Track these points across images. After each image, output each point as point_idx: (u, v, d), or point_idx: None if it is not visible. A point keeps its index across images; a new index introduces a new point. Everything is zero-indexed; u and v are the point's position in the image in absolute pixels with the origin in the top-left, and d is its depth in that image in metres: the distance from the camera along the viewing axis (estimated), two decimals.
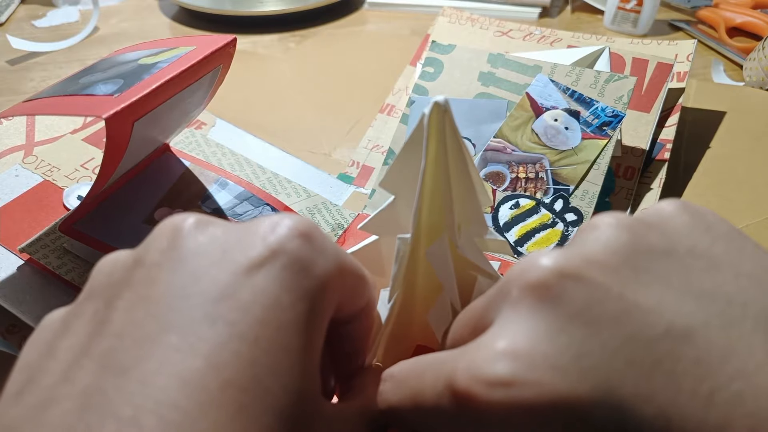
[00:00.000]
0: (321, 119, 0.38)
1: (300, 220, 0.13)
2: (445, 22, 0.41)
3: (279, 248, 0.12)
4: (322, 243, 0.13)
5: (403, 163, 0.16)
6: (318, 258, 0.12)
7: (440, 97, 0.14)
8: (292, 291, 0.12)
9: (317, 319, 0.12)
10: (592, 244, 0.12)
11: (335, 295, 0.13)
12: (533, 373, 0.11)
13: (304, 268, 0.12)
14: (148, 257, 0.12)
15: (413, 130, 0.15)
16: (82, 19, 0.55)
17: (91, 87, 0.22)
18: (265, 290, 0.11)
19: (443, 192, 0.15)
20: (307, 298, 0.12)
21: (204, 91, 0.26)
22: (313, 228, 0.13)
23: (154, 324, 0.11)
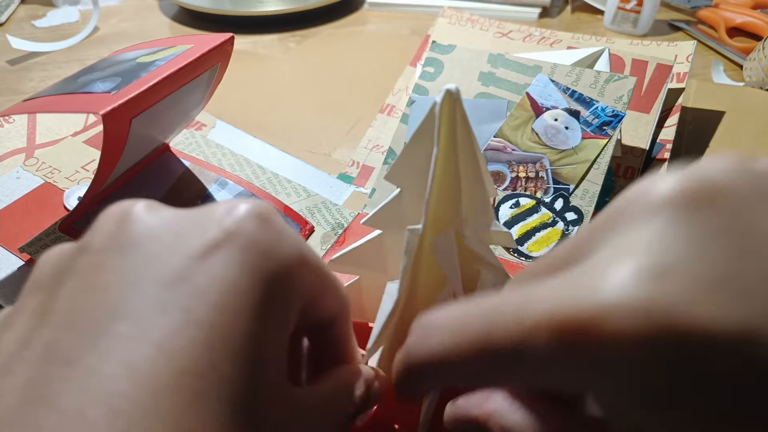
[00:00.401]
0: (321, 119, 0.38)
1: (259, 203, 0.12)
2: (445, 23, 0.41)
3: (236, 230, 0.11)
4: (283, 227, 0.12)
5: (411, 155, 0.16)
6: (279, 241, 0.12)
7: (452, 86, 0.14)
8: (251, 274, 0.11)
9: (281, 304, 0.12)
10: (711, 169, 0.10)
11: (301, 285, 0.12)
12: (683, 294, 0.09)
13: (264, 251, 0.11)
14: (95, 243, 0.11)
15: (423, 120, 0.15)
16: (82, 19, 0.55)
17: (89, 85, 0.22)
18: (221, 274, 0.11)
19: (452, 182, 0.15)
20: (267, 282, 0.11)
21: (202, 89, 0.26)
22: (273, 211, 0.12)
23: (102, 312, 0.10)
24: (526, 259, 0.26)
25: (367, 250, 0.18)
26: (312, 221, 0.28)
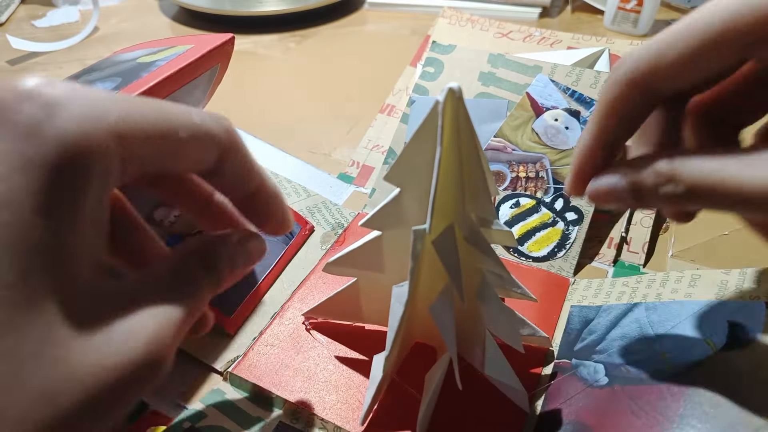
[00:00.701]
0: (321, 119, 0.38)
1: (36, 79, 0.11)
2: (445, 24, 0.41)
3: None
4: (62, 101, 0.11)
5: (411, 155, 0.15)
6: (50, 120, 0.10)
7: (454, 84, 0.14)
8: (7, 161, 0.10)
9: (64, 191, 0.10)
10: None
11: (108, 161, 0.11)
12: None
13: (25, 133, 0.10)
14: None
15: (424, 119, 0.15)
16: (82, 19, 0.55)
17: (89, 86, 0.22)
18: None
19: (455, 180, 0.15)
20: (31, 168, 0.10)
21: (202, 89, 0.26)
22: (49, 85, 0.11)
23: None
24: (526, 259, 0.26)
25: (365, 252, 0.18)
26: (312, 221, 0.28)
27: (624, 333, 0.20)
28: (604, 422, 0.17)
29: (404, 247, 0.17)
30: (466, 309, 0.18)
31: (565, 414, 0.18)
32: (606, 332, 0.21)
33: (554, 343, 0.22)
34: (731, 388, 0.17)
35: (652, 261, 0.26)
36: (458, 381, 0.17)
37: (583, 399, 0.19)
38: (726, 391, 0.17)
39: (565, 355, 0.21)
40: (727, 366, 0.17)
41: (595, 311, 0.22)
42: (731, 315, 0.19)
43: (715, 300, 0.20)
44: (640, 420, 0.17)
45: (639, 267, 0.25)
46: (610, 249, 0.26)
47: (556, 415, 0.19)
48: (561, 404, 0.19)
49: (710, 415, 0.16)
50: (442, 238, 0.16)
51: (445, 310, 0.16)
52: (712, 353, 0.18)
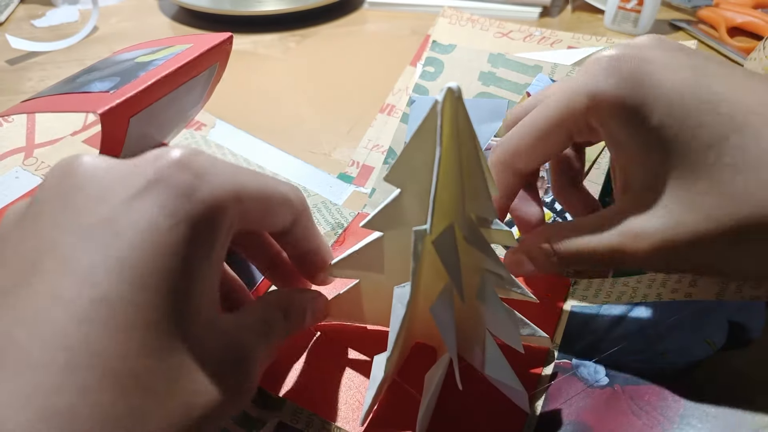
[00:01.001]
0: (321, 119, 0.38)
1: (185, 150, 0.13)
2: (445, 23, 0.41)
3: (158, 178, 0.13)
4: (207, 170, 0.13)
5: (411, 155, 0.15)
6: (201, 184, 0.13)
7: (453, 84, 0.14)
8: (171, 215, 0.12)
9: (206, 241, 0.13)
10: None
11: (232, 219, 0.14)
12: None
13: (183, 194, 0.13)
14: (39, 195, 0.13)
15: (423, 119, 0.15)
16: (81, 18, 0.55)
17: (87, 85, 0.22)
18: (141, 216, 0.12)
19: (455, 180, 0.15)
20: (188, 221, 0.12)
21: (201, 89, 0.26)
22: (196, 156, 0.13)
23: (35, 253, 0.12)
24: None
25: (367, 254, 0.18)
26: None
27: (624, 333, 0.20)
28: (604, 422, 0.17)
29: (405, 248, 0.16)
30: (466, 309, 0.18)
31: (566, 414, 0.18)
32: (606, 332, 0.21)
33: (554, 343, 0.22)
34: (732, 388, 0.17)
35: None
36: (458, 381, 0.16)
37: (584, 399, 0.19)
38: (726, 391, 0.17)
39: (565, 356, 0.21)
40: (728, 366, 0.17)
41: (595, 311, 0.22)
42: (732, 315, 0.19)
43: (716, 300, 0.20)
44: (641, 420, 0.17)
45: None
46: None
47: (557, 416, 0.18)
48: (561, 404, 0.19)
49: (711, 415, 0.16)
50: (441, 238, 0.16)
51: (445, 310, 0.16)
52: (713, 353, 0.18)
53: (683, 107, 0.16)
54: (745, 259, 0.16)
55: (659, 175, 0.16)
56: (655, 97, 0.16)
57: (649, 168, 0.16)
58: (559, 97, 0.18)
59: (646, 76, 0.16)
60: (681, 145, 0.16)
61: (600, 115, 0.17)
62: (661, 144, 0.16)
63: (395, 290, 0.17)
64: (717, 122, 0.15)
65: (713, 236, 0.15)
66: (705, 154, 0.15)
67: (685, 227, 0.16)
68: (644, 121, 0.16)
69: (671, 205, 0.16)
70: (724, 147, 0.15)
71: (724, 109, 0.15)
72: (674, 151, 0.16)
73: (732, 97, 0.15)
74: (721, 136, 0.15)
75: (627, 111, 0.16)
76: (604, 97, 0.16)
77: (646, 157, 0.16)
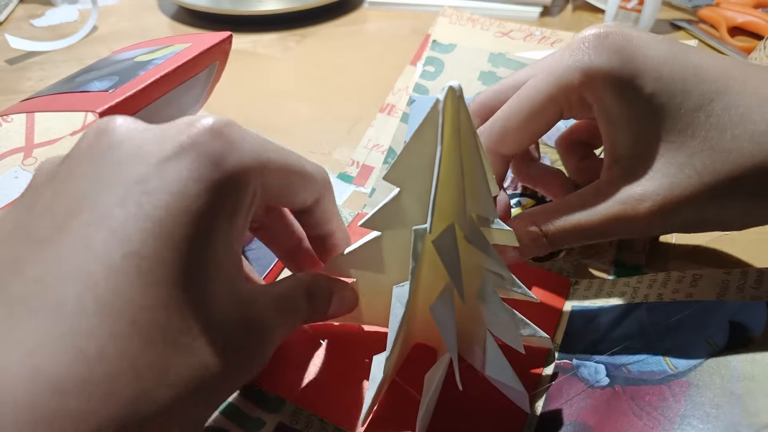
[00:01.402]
0: (321, 119, 0.38)
1: (217, 119, 0.14)
2: (445, 23, 0.41)
3: (190, 143, 0.13)
4: (237, 140, 0.14)
5: (411, 154, 0.15)
6: (230, 153, 0.13)
7: (455, 83, 0.14)
8: (200, 181, 0.13)
9: (230, 207, 0.13)
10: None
11: (255, 189, 0.14)
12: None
13: (213, 162, 0.13)
14: (75, 152, 0.14)
15: (424, 118, 0.14)
16: (80, 18, 0.55)
17: (86, 84, 0.22)
18: (173, 179, 0.13)
19: (456, 179, 0.15)
20: (214, 189, 0.13)
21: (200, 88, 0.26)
22: (228, 126, 0.14)
23: (71, 205, 0.12)
24: (528, 260, 0.26)
25: (365, 253, 0.18)
26: None
27: (625, 333, 0.20)
28: (604, 423, 0.17)
29: (404, 247, 0.16)
30: (466, 309, 0.18)
31: (566, 414, 0.18)
32: (607, 333, 0.21)
33: (555, 344, 0.21)
34: (732, 389, 0.17)
35: (653, 261, 0.26)
36: (458, 381, 0.16)
37: (584, 399, 0.18)
38: (727, 391, 0.17)
39: (566, 356, 0.21)
40: (729, 366, 0.17)
41: (596, 312, 0.22)
42: (732, 315, 0.19)
43: (717, 300, 0.20)
44: (641, 421, 0.17)
45: (640, 267, 0.25)
46: (612, 249, 0.26)
47: (557, 416, 0.18)
48: (562, 405, 0.19)
49: (711, 416, 0.16)
50: (442, 238, 0.16)
51: (445, 310, 0.16)
52: (714, 353, 0.18)
53: (671, 76, 0.17)
54: (735, 209, 0.17)
55: (652, 141, 0.17)
56: (645, 69, 0.17)
57: (641, 136, 0.18)
58: (550, 75, 0.18)
59: (635, 49, 0.17)
60: (671, 110, 0.17)
61: (594, 89, 0.18)
62: (653, 112, 0.17)
63: (394, 290, 0.16)
64: (701, 87, 0.17)
65: (709, 190, 0.17)
66: (695, 116, 0.17)
67: (683, 185, 0.17)
68: (637, 92, 0.17)
69: (667, 167, 0.17)
70: (711, 108, 0.17)
71: (705, 75, 0.17)
72: (666, 117, 0.17)
73: (709, 65, 0.17)
74: (707, 98, 0.17)
75: (621, 83, 0.17)
76: (598, 72, 0.18)
77: (639, 126, 0.18)
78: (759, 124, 0.16)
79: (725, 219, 0.18)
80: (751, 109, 0.16)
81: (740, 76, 0.17)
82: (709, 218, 0.18)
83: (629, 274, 0.24)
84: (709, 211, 0.17)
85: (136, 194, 0.12)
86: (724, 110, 0.17)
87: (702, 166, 0.17)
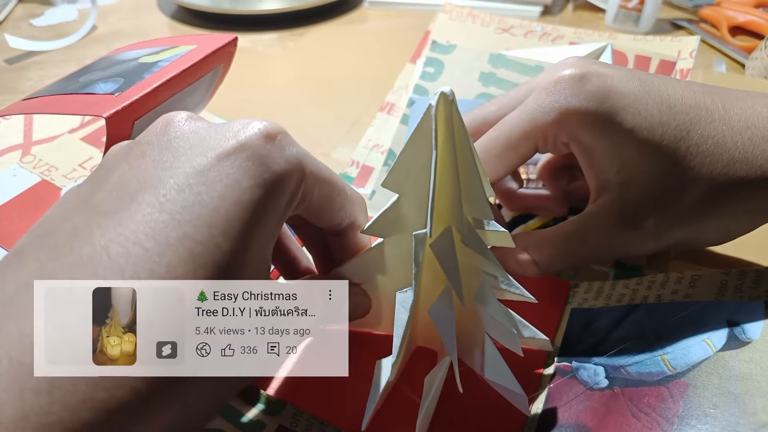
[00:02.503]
0: (320, 118, 0.38)
1: (269, 124, 0.15)
2: (445, 19, 0.41)
3: (246, 143, 0.15)
4: (285, 145, 0.15)
5: (408, 160, 0.15)
6: (278, 157, 0.15)
7: (446, 88, 0.14)
8: (251, 178, 0.14)
9: (272, 206, 0.15)
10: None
11: (295, 192, 0.16)
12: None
13: (264, 162, 0.15)
14: (144, 138, 0.15)
15: (418, 124, 0.15)
16: (80, 17, 0.55)
17: (91, 86, 0.22)
18: (229, 173, 0.14)
19: (452, 183, 0.15)
20: (263, 186, 0.14)
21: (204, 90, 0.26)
22: (279, 131, 0.15)
23: (137, 185, 0.14)
24: None
25: (369, 259, 0.18)
26: None
27: (624, 335, 0.20)
28: (604, 424, 0.17)
29: (406, 253, 0.16)
30: (465, 312, 0.18)
31: (566, 417, 0.18)
32: (606, 334, 0.21)
33: (554, 346, 0.22)
34: (731, 389, 0.17)
35: (653, 262, 0.26)
36: (459, 384, 0.17)
37: (584, 401, 0.19)
38: (725, 391, 0.17)
39: (565, 358, 0.21)
40: (727, 366, 0.17)
41: (595, 314, 0.22)
42: (731, 315, 0.19)
43: (715, 301, 0.20)
44: (640, 422, 0.17)
45: (640, 268, 0.25)
46: None
47: (556, 418, 0.19)
48: (561, 407, 0.19)
49: (710, 416, 0.16)
50: (439, 241, 0.16)
51: (444, 312, 0.16)
52: (712, 354, 0.18)
53: (648, 111, 0.18)
54: (714, 227, 0.19)
55: (639, 169, 0.19)
56: (622, 106, 0.18)
57: (627, 163, 0.19)
58: (527, 113, 0.20)
59: (610, 89, 0.19)
60: (654, 141, 0.18)
61: (571, 129, 0.19)
62: (636, 143, 0.18)
63: (398, 295, 0.17)
64: (677, 119, 0.18)
65: (693, 213, 0.19)
66: (677, 147, 0.18)
67: (673, 209, 0.19)
68: (618, 127, 0.18)
69: (656, 191, 0.19)
70: (690, 138, 0.18)
71: (677, 108, 0.18)
72: (649, 147, 0.18)
73: (680, 97, 0.19)
74: (684, 129, 0.18)
75: (600, 122, 0.19)
76: (576, 113, 0.19)
77: (624, 155, 0.19)
78: (733, 152, 0.18)
79: (707, 237, 0.20)
80: (725, 138, 0.18)
81: (710, 105, 0.19)
82: (694, 237, 0.20)
83: (629, 276, 0.24)
84: (693, 229, 0.19)
85: (196, 183, 0.14)
86: (702, 140, 0.18)
87: (687, 192, 0.18)
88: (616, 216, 0.19)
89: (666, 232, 0.19)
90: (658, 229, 0.19)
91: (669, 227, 0.19)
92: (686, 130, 0.18)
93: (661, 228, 0.19)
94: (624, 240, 0.19)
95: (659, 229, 0.19)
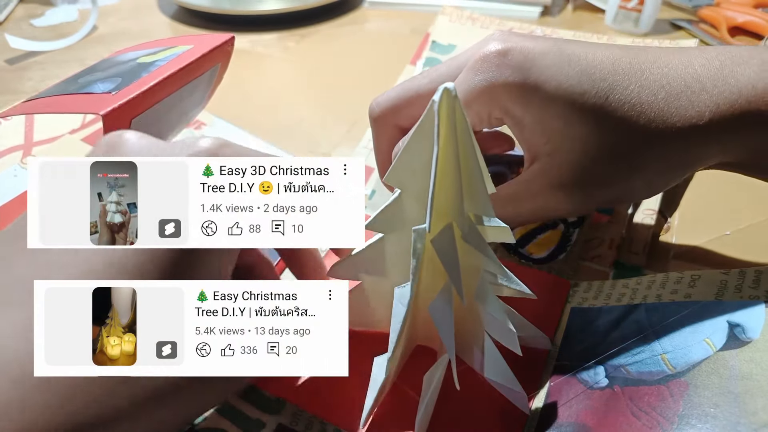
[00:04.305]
0: (321, 119, 0.38)
1: (213, 140, 0.16)
2: (445, 21, 0.41)
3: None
4: (231, 156, 0.15)
5: (410, 155, 0.15)
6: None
7: (449, 84, 0.14)
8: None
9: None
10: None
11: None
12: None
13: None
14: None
15: (421, 120, 0.15)
16: (80, 17, 0.55)
17: (89, 86, 0.22)
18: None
19: (453, 179, 0.15)
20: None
21: (202, 90, 0.26)
22: (221, 147, 0.15)
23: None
24: (528, 261, 0.26)
25: (369, 255, 0.18)
26: None
27: (624, 334, 0.20)
28: (603, 423, 0.17)
29: (406, 249, 0.16)
30: (465, 310, 0.18)
31: (565, 415, 0.18)
32: (606, 334, 0.21)
33: (554, 345, 0.22)
34: (731, 389, 0.17)
35: (653, 262, 0.26)
36: (456, 381, 0.17)
37: (583, 400, 0.19)
38: (726, 391, 0.17)
39: (565, 357, 0.21)
40: (727, 366, 0.18)
41: (595, 313, 0.22)
42: (731, 315, 0.19)
43: (715, 300, 0.20)
44: (640, 421, 0.17)
45: (640, 268, 0.25)
46: (611, 250, 0.26)
47: (556, 417, 0.19)
48: (561, 405, 0.19)
49: (710, 416, 0.16)
50: (440, 237, 0.16)
51: (443, 309, 0.16)
52: (712, 353, 0.18)
53: (568, 81, 0.19)
54: (639, 182, 0.20)
55: (562, 140, 0.20)
56: (545, 79, 0.19)
57: (554, 135, 0.20)
58: (459, 94, 0.21)
59: (533, 62, 0.19)
60: (576, 109, 0.19)
61: (500, 103, 0.20)
62: (559, 114, 0.19)
63: (396, 290, 0.17)
64: (596, 86, 0.19)
65: (617, 172, 0.20)
66: (598, 112, 0.19)
67: (595, 172, 0.20)
68: (543, 99, 0.19)
69: (580, 157, 0.20)
70: (609, 103, 0.19)
71: (596, 75, 0.19)
72: (573, 116, 0.19)
73: (598, 63, 0.19)
74: (603, 95, 0.19)
75: (526, 94, 0.19)
76: (501, 88, 0.20)
77: (550, 127, 0.20)
78: (649, 113, 0.19)
79: (634, 194, 0.21)
80: (641, 101, 0.19)
81: (627, 68, 0.19)
82: (622, 195, 0.21)
83: (629, 276, 0.24)
84: (620, 189, 0.20)
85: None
86: (619, 105, 0.19)
87: (610, 156, 0.19)
88: (548, 183, 0.20)
89: (595, 194, 0.20)
90: (588, 191, 0.20)
91: (597, 189, 0.20)
92: (605, 97, 0.19)
93: (590, 191, 0.20)
94: (556, 204, 0.21)
95: (588, 192, 0.20)
